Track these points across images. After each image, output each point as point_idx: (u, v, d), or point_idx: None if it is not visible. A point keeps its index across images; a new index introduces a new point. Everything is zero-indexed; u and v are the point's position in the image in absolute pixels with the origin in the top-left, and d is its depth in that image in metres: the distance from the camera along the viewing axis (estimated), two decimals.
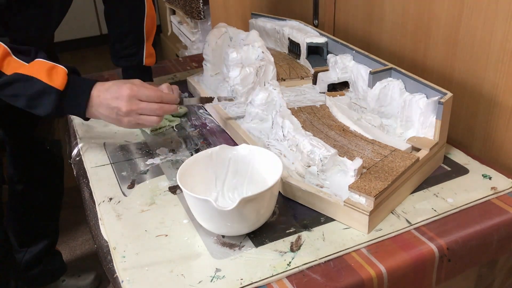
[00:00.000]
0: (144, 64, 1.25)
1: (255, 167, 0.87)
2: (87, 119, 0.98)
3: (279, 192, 0.89)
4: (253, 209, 0.75)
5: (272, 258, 0.75)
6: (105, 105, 0.93)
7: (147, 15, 1.22)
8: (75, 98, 0.93)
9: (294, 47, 1.32)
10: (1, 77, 0.89)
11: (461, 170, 0.94)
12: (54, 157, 1.56)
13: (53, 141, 1.55)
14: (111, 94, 0.93)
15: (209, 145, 1.07)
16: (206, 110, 1.21)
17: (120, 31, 1.23)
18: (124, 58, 1.25)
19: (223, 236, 0.80)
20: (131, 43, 1.23)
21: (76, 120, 1.20)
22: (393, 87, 0.99)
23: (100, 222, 0.86)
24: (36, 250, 1.59)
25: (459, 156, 0.98)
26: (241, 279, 0.71)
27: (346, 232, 0.80)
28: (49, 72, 0.90)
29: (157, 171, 0.98)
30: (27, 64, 0.91)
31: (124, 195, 0.92)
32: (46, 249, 1.61)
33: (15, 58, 0.90)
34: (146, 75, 1.28)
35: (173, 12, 2.56)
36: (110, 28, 1.27)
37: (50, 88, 0.90)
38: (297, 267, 0.73)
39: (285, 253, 0.76)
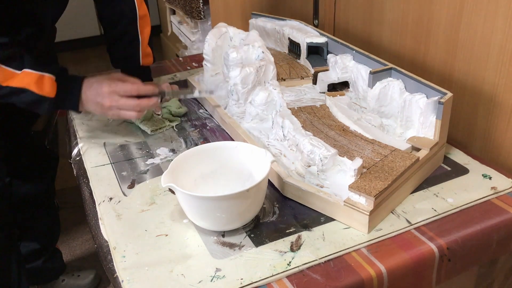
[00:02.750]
0: (141, 64, 1.26)
1: (241, 163, 0.88)
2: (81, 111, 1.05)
3: (280, 192, 0.89)
4: (237, 197, 0.76)
5: (272, 258, 0.75)
6: (91, 100, 1.02)
7: (140, 16, 1.23)
8: (67, 100, 1.02)
9: (294, 47, 1.32)
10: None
11: (461, 170, 0.94)
12: (49, 156, 1.55)
13: (52, 139, 1.53)
14: (94, 91, 1.01)
15: None
16: (206, 110, 1.21)
17: (114, 34, 1.24)
18: (122, 60, 1.26)
19: (223, 236, 0.80)
20: (127, 45, 1.24)
21: (76, 120, 1.20)
22: (393, 87, 0.99)
23: (100, 222, 0.86)
24: (31, 246, 1.58)
25: (459, 156, 0.98)
26: (241, 279, 0.71)
27: (346, 232, 0.80)
28: (38, 83, 0.96)
29: (157, 171, 0.98)
30: (18, 72, 0.95)
31: (124, 195, 0.92)
32: (43, 246, 1.61)
33: (5, 67, 0.94)
34: (145, 75, 1.29)
35: (173, 12, 2.56)
36: (105, 31, 1.28)
37: (42, 98, 0.97)
38: (297, 267, 0.73)
39: (285, 253, 0.76)
